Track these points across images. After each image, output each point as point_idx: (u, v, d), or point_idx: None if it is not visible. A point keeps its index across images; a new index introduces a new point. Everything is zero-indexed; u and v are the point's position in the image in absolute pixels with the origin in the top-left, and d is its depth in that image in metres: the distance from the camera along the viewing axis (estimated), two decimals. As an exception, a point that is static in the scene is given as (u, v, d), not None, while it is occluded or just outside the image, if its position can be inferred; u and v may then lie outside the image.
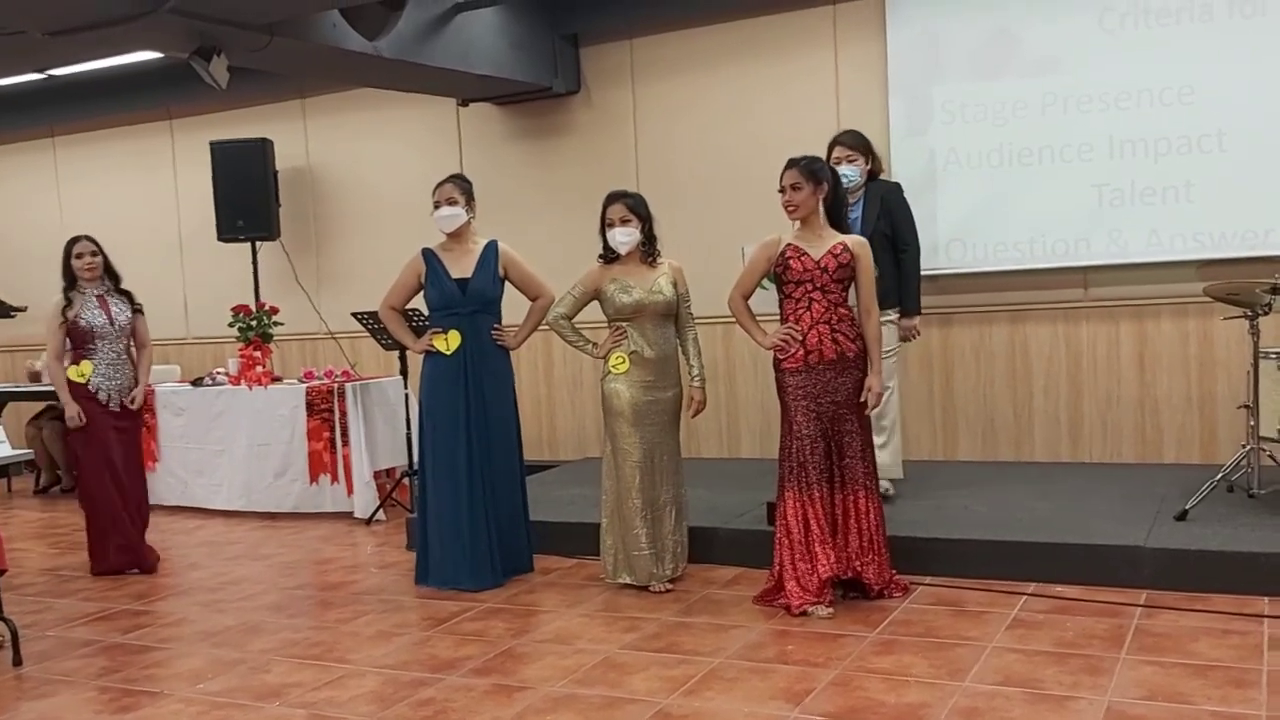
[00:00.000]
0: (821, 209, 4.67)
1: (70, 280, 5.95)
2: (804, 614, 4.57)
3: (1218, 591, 4.48)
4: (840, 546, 4.65)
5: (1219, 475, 5.14)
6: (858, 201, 5.48)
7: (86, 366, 5.88)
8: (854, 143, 5.53)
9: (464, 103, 7.98)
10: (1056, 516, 5.23)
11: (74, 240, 5.98)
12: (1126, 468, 6.34)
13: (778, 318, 4.76)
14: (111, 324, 5.92)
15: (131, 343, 6.08)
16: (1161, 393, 6.38)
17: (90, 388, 5.88)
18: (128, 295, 6.08)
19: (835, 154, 5.47)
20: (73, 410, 5.86)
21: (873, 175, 5.60)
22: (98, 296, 5.94)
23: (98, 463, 5.92)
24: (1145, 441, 6.44)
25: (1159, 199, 6.27)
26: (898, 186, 5.69)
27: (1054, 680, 3.77)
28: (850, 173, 5.41)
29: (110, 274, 6.04)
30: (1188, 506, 4.97)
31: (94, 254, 5.93)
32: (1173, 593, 4.52)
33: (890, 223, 5.54)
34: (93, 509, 5.99)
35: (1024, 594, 4.67)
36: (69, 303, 5.91)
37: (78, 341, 5.91)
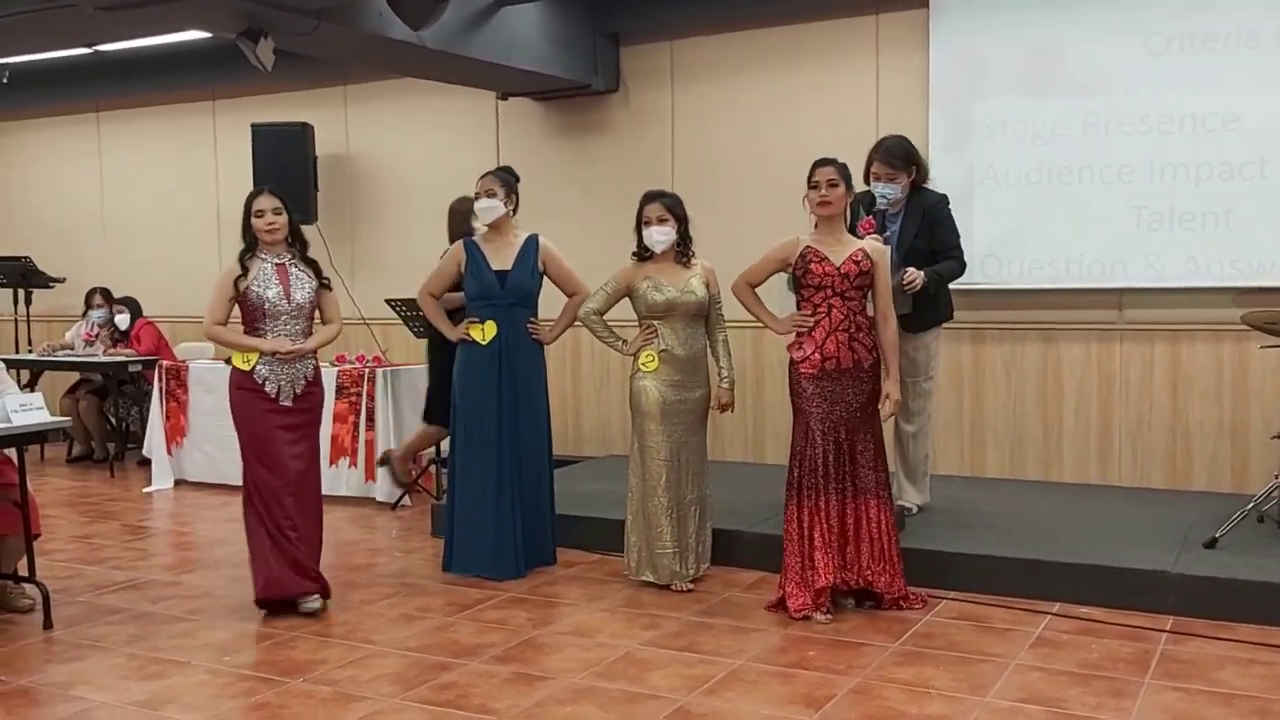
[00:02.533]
0: (847, 211, 4.71)
1: (250, 242, 4.87)
2: (805, 619, 4.58)
3: (1244, 621, 4.46)
4: (852, 556, 4.65)
5: (1250, 505, 5.12)
6: (898, 214, 5.39)
7: (252, 354, 4.80)
8: (892, 159, 5.29)
9: (503, 96, 8.02)
10: (1084, 537, 5.21)
11: (254, 194, 4.91)
12: (1155, 493, 6.31)
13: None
14: (288, 300, 4.82)
15: (309, 325, 4.96)
16: (1194, 419, 6.35)
17: (256, 378, 4.77)
18: (314, 266, 4.97)
19: (873, 169, 5.32)
20: (273, 345, 4.77)
21: (916, 185, 5.41)
22: (277, 265, 4.85)
23: (258, 470, 4.81)
24: (1175, 467, 6.41)
25: (1198, 224, 6.25)
26: (943, 199, 5.44)
27: (1077, 701, 3.76)
28: (889, 192, 5.29)
29: (296, 239, 4.95)
30: (1217, 534, 4.94)
31: (276, 211, 4.82)
32: (1199, 620, 4.50)
33: (929, 239, 5.35)
34: (247, 526, 4.87)
35: (1048, 613, 4.66)
36: (244, 270, 4.84)
37: (246, 318, 4.87)
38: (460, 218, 6.16)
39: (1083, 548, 5.01)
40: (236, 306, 4.87)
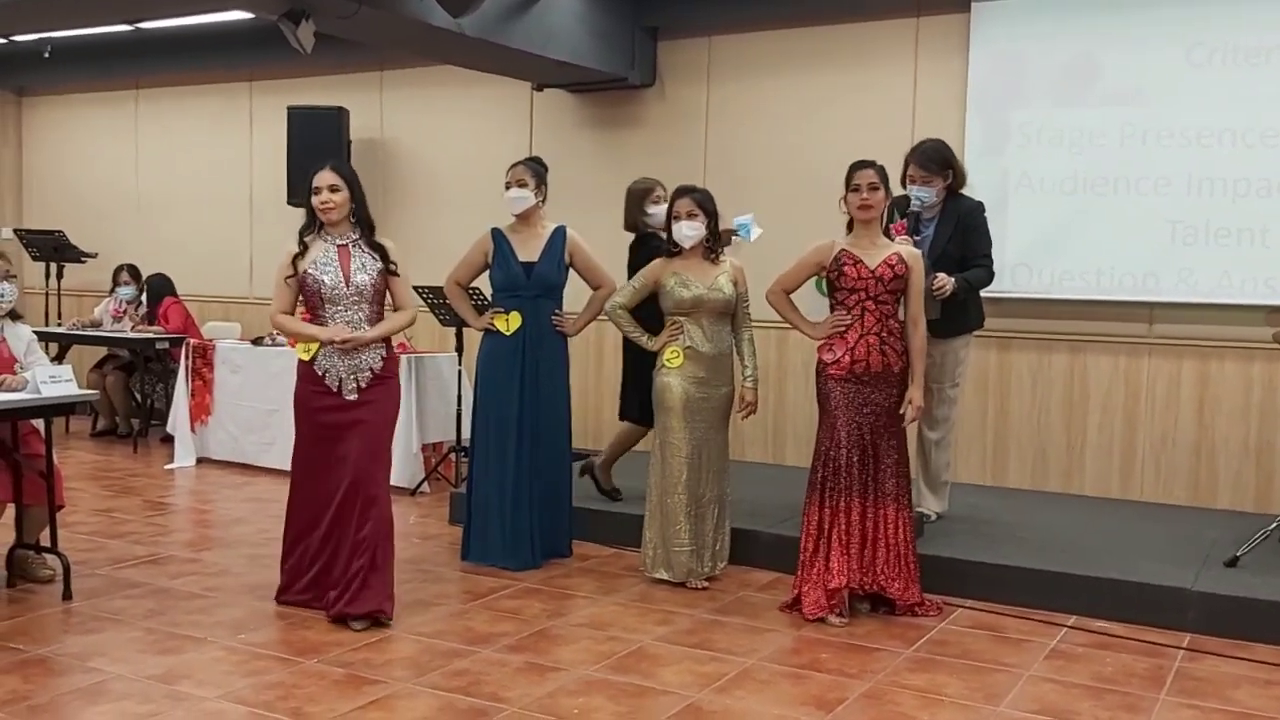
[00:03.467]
0: (885, 215, 4.70)
1: (312, 219, 4.56)
2: (819, 620, 4.57)
3: (1263, 641, 4.43)
4: (868, 560, 4.64)
5: (1273, 525, 5.06)
6: (932, 219, 5.36)
7: (313, 343, 4.46)
8: (928, 162, 5.26)
9: (539, 87, 8.02)
10: (1103, 551, 5.18)
11: (316, 168, 4.55)
12: (1177, 509, 6.26)
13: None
14: (346, 284, 4.45)
15: (375, 312, 4.57)
16: (1219, 436, 6.30)
17: (316, 369, 4.46)
18: (380, 250, 4.57)
19: (910, 172, 5.30)
20: (330, 334, 4.44)
21: (952, 191, 5.37)
22: (339, 247, 4.51)
23: (302, 469, 4.56)
24: (1199, 484, 6.35)
25: (1233, 240, 6.19)
26: (978, 206, 5.40)
27: (1090, 714, 3.74)
28: (924, 195, 5.27)
29: (361, 220, 4.58)
30: (1239, 553, 4.89)
31: (334, 189, 4.45)
32: (1217, 638, 4.47)
33: (961, 244, 5.30)
34: (287, 522, 4.68)
35: (1064, 625, 4.63)
36: (303, 250, 4.51)
37: (308, 305, 4.56)
38: (636, 199, 5.84)
39: (1102, 561, 4.98)
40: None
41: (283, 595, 4.68)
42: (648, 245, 5.58)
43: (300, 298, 4.58)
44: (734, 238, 5.42)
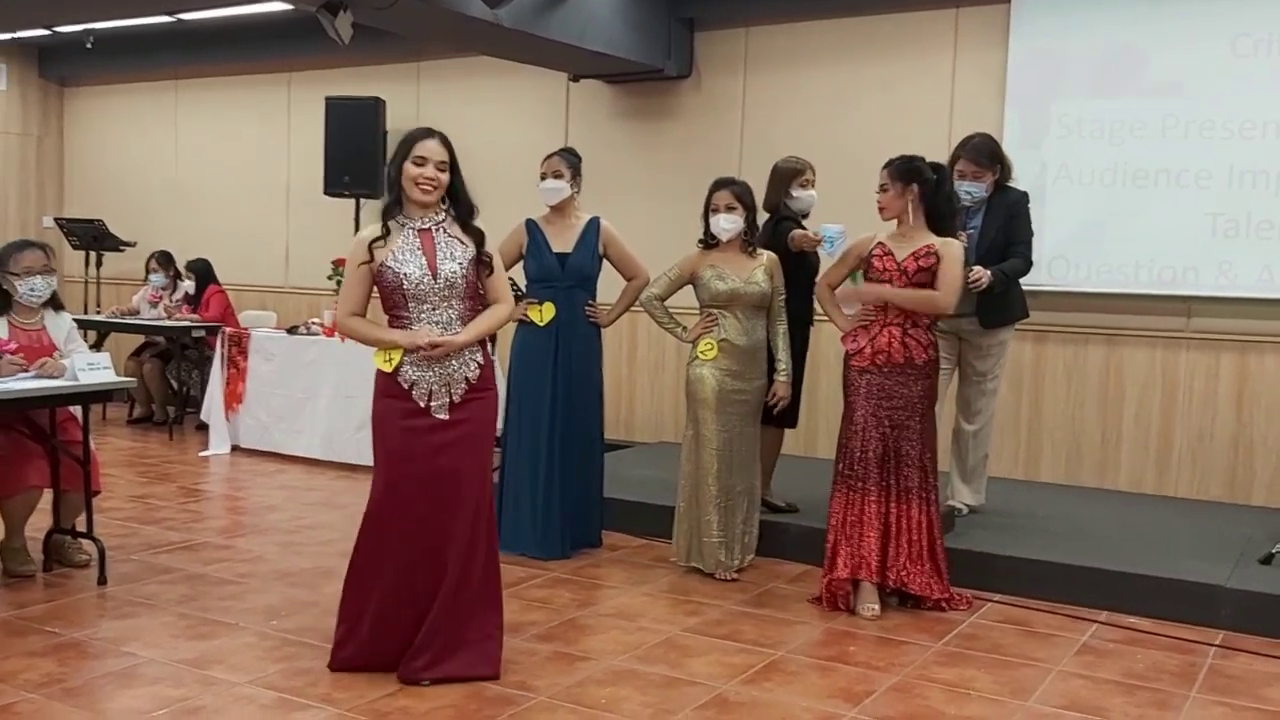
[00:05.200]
0: (912, 209, 4.60)
1: (396, 199, 3.76)
2: (850, 613, 4.58)
3: (1298, 640, 4.37)
4: (891, 555, 4.62)
5: (1311, 522, 5.01)
6: (979, 211, 5.32)
7: (395, 350, 3.68)
8: (979, 157, 5.26)
9: (575, 78, 8.03)
10: (1136, 546, 5.13)
11: (416, 135, 3.76)
12: (1213, 505, 6.19)
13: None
14: (433, 276, 3.67)
15: (470, 309, 3.79)
16: (1258, 433, 6.21)
17: (401, 381, 3.67)
18: (476, 236, 3.80)
19: (959, 166, 5.27)
20: (413, 338, 3.67)
21: (999, 183, 5.35)
22: (420, 231, 3.72)
23: (381, 503, 3.73)
24: (1235, 481, 6.27)
25: (1275, 234, 6.09)
26: (1024, 196, 5.39)
27: (1120, 711, 3.71)
28: (973, 190, 5.25)
29: (457, 201, 3.81)
30: (1275, 550, 4.83)
31: (442, 166, 3.72)
32: (1250, 636, 4.42)
33: (1006, 233, 5.28)
34: (351, 560, 3.82)
35: (1095, 621, 4.59)
36: (384, 235, 3.71)
37: (387, 303, 3.76)
38: (784, 180, 5.57)
39: (1134, 557, 4.94)
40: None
41: (340, 654, 3.85)
42: (782, 227, 5.39)
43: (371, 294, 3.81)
44: (819, 247, 5.17)
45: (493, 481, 3.88)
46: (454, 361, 3.70)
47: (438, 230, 3.74)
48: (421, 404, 3.68)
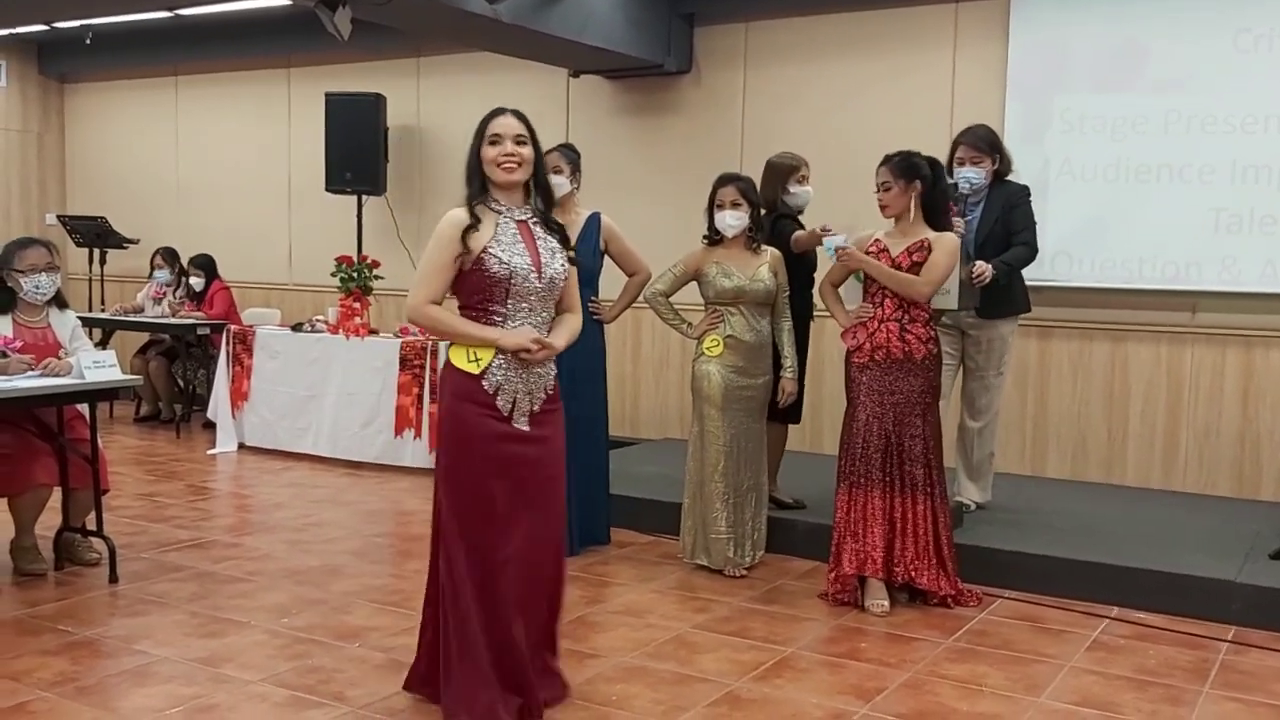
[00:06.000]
0: (913, 206, 4.61)
1: (480, 188, 3.43)
2: (860, 609, 4.60)
3: (1309, 634, 4.38)
4: (898, 551, 4.62)
5: (1319, 516, 5.02)
6: (978, 203, 5.34)
7: (485, 351, 3.32)
8: (979, 143, 5.29)
9: (575, 74, 8.02)
10: (1145, 542, 5.14)
11: (493, 113, 3.45)
12: (1221, 500, 6.19)
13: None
14: (538, 274, 3.34)
15: (553, 314, 3.50)
16: (1264, 427, 6.22)
17: (485, 385, 3.31)
18: (560, 232, 3.49)
19: (959, 154, 5.30)
20: (516, 340, 3.30)
21: (999, 176, 5.36)
22: (519, 224, 3.40)
23: (467, 524, 3.32)
24: (1243, 476, 6.28)
25: (1279, 229, 6.10)
26: (1025, 190, 5.40)
27: (1132, 707, 3.71)
28: (973, 176, 5.26)
29: (541, 189, 3.48)
30: (1283, 545, 4.85)
31: (520, 140, 3.38)
32: (1261, 631, 4.42)
33: (1007, 224, 5.28)
34: (429, 594, 3.50)
35: (1106, 617, 4.60)
36: (474, 223, 3.35)
37: (474, 298, 3.35)
38: (780, 175, 5.52)
39: (1143, 552, 4.94)
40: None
41: (420, 683, 3.57)
42: (781, 226, 5.37)
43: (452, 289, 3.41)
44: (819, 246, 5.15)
45: (561, 494, 3.54)
46: (540, 369, 3.38)
47: (535, 225, 3.42)
48: (505, 412, 3.32)
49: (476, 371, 3.30)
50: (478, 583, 3.29)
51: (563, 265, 3.41)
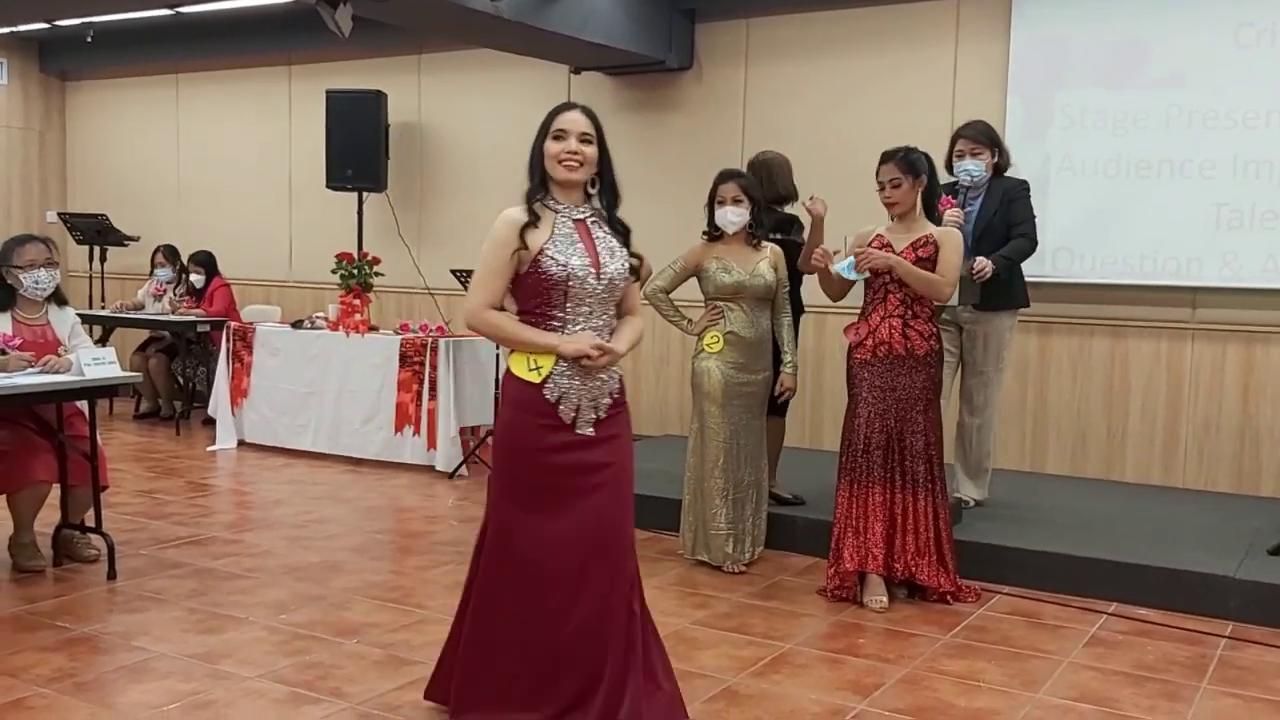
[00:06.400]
0: (918, 201, 4.63)
1: (540, 183, 3.28)
2: (858, 605, 4.60)
3: (1307, 630, 4.37)
4: (899, 547, 4.62)
5: (1318, 512, 5.01)
6: (978, 196, 5.33)
7: (546, 357, 3.16)
8: (979, 136, 5.29)
9: (576, 70, 8.02)
10: (1144, 538, 5.13)
11: (559, 108, 3.31)
12: (1221, 497, 6.18)
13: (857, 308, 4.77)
14: (597, 275, 3.19)
15: (615, 316, 3.34)
16: (1264, 423, 6.21)
17: (547, 395, 3.16)
18: (623, 231, 3.33)
19: (959, 146, 5.31)
20: (576, 345, 3.15)
21: (999, 170, 5.37)
22: (576, 223, 3.24)
23: (515, 537, 3.18)
24: (1243, 472, 6.27)
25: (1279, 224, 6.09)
26: (1023, 184, 5.40)
27: (1130, 702, 3.71)
28: (974, 168, 5.26)
29: (607, 187, 3.32)
30: (1283, 541, 4.85)
31: (586, 138, 3.23)
32: (1260, 627, 4.42)
33: (1006, 217, 5.28)
34: (476, 604, 3.26)
35: (1104, 613, 4.59)
36: (533, 220, 3.20)
37: (532, 301, 3.20)
38: (787, 169, 5.57)
39: (1142, 548, 4.93)
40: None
41: (444, 695, 3.39)
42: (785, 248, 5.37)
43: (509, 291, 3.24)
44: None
45: (628, 508, 3.40)
46: (603, 375, 3.22)
47: (592, 222, 3.26)
48: (567, 420, 3.17)
49: (538, 380, 3.15)
50: (516, 585, 3.15)
51: (623, 265, 3.24)
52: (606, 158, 3.28)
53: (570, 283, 3.15)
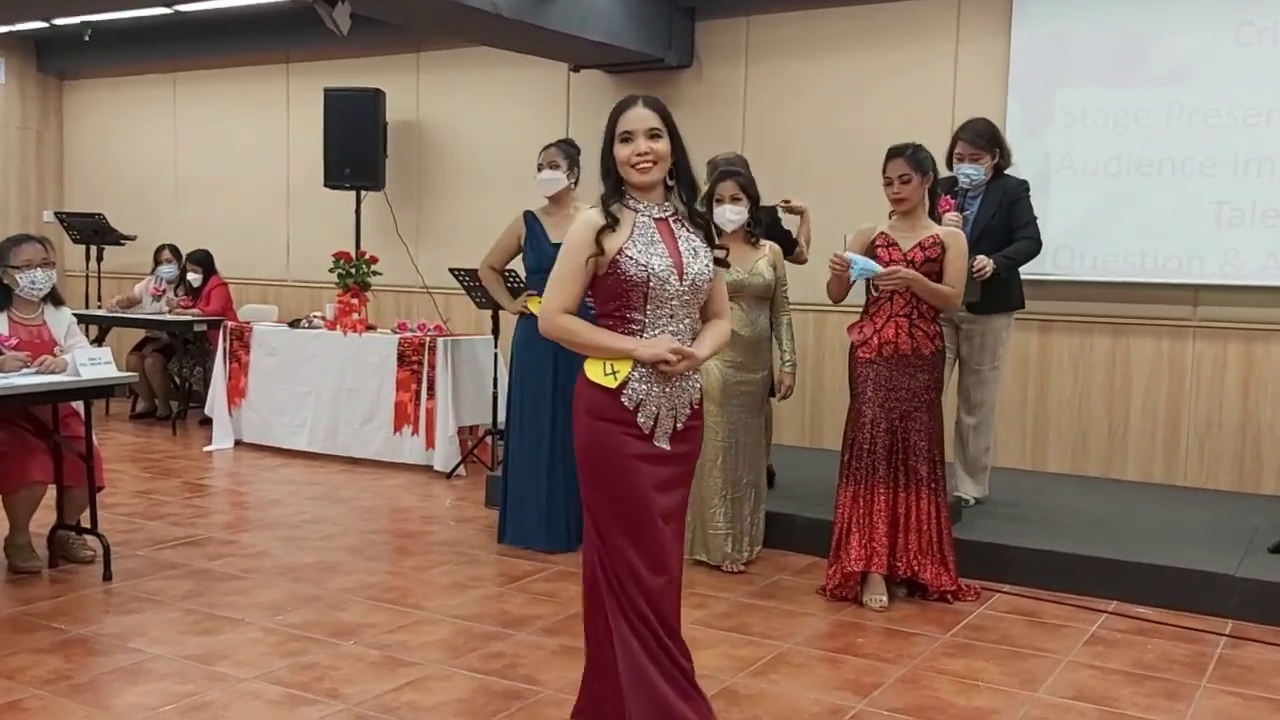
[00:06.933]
0: (925, 198, 4.61)
1: (615, 187, 3.04)
2: (858, 604, 4.57)
3: (1308, 629, 4.36)
4: (901, 545, 4.61)
5: (1320, 511, 4.99)
6: (977, 197, 5.31)
7: (623, 363, 2.96)
8: (978, 139, 5.25)
9: (576, 68, 8.00)
10: (1144, 536, 5.11)
11: (623, 105, 3.03)
12: (1222, 494, 6.16)
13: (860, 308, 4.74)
14: (679, 277, 2.98)
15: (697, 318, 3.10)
16: (1265, 421, 6.19)
17: (624, 401, 2.96)
18: (704, 226, 3.11)
19: (958, 149, 5.27)
20: (654, 350, 2.94)
21: (999, 170, 5.34)
22: (657, 222, 3.03)
23: (630, 557, 2.96)
24: (1244, 470, 6.25)
25: (1280, 222, 6.08)
26: (1023, 184, 5.37)
27: (1129, 701, 3.69)
28: (972, 172, 5.23)
29: (684, 182, 3.08)
30: (1283, 539, 4.83)
31: (654, 134, 2.98)
32: (1260, 625, 4.40)
33: (1007, 218, 5.26)
34: (616, 630, 3.00)
35: (1104, 611, 4.58)
36: (611, 223, 2.99)
37: (611, 304, 3.01)
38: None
39: (1143, 546, 4.92)
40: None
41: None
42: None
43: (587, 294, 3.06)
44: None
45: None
46: (684, 382, 3.03)
47: (674, 221, 3.06)
48: (645, 429, 2.98)
49: (614, 386, 2.96)
50: (634, 601, 2.96)
51: (707, 265, 3.04)
52: (680, 148, 3.05)
53: (651, 284, 2.96)
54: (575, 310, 3.02)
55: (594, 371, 2.99)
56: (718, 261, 3.09)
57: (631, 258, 2.95)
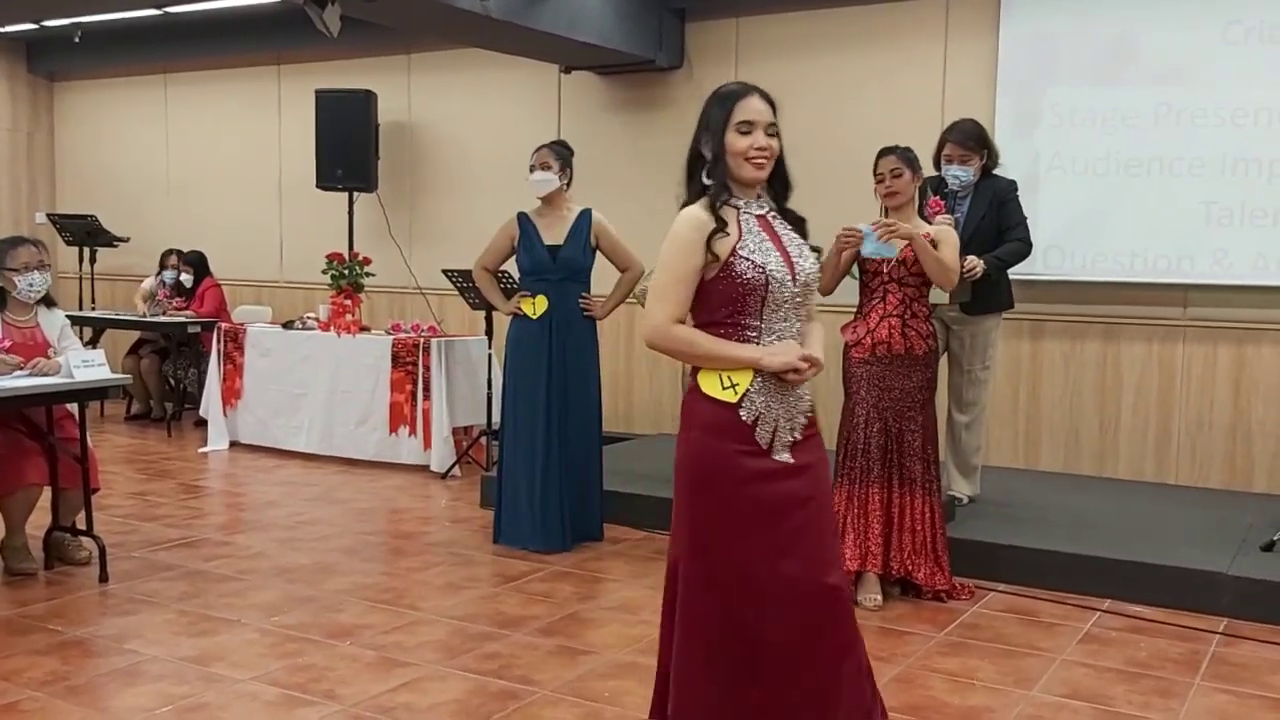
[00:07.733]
0: (916, 196, 4.64)
1: (723, 182, 2.81)
2: (854, 603, 4.57)
3: (1299, 626, 4.38)
4: (894, 545, 4.62)
5: (1310, 508, 5.02)
6: (965, 198, 5.32)
7: (743, 374, 2.72)
8: (966, 140, 5.24)
9: (566, 70, 8.00)
10: (1137, 535, 5.14)
11: (734, 92, 2.88)
12: (1213, 493, 6.19)
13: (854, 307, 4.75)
14: (792, 276, 2.76)
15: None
16: (1256, 420, 6.22)
17: (743, 415, 2.72)
18: (799, 224, 2.91)
19: (946, 151, 5.28)
20: (783, 358, 2.73)
21: (986, 170, 5.34)
22: (758, 218, 2.82)
23: (725, 585, 2.71)
24: (1235, 468, 6.29)
25: (1269, 221, 6.09)
26: (1012, 184, 5.38)
27: (1123, 699, 3.72)
28: (960, 174, 5.24)
29: (777, 177, 2.89)
30: (1276, 538, 4.84)
31: (772, 129, 2.83)
32: (1253, 623, 4.42)
33: (997, 219, 5.27)
34: (697, 654, 2.76)
35: (1098, 610, 4.60)
36: (721, 225, 2.74)
37: (717, 311, 2.76)
38: None
39: (1136, 545, 4.94)
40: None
41: None
42: None
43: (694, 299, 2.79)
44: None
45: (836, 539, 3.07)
46: (800, 391, 2.80)
47: (774, 218, 2.86)
48: (764, 444, 2.73)
49: (733, 399, 2.71)
50: (740, 638, 2.71)
51: (813, 263, 2.85)
52: (781, 145, 2.87)
53: (770, 287, 2.72)
54: (685, 319, 2.77)
55: (709, 385, 2.74)
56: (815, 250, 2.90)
57: (747, 259, 2.72)
